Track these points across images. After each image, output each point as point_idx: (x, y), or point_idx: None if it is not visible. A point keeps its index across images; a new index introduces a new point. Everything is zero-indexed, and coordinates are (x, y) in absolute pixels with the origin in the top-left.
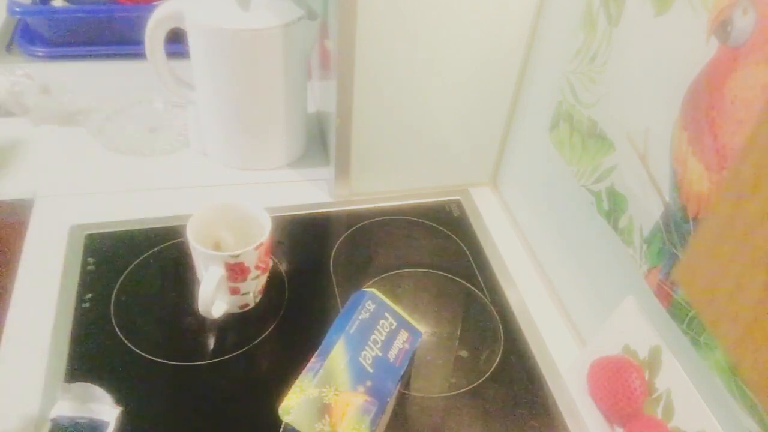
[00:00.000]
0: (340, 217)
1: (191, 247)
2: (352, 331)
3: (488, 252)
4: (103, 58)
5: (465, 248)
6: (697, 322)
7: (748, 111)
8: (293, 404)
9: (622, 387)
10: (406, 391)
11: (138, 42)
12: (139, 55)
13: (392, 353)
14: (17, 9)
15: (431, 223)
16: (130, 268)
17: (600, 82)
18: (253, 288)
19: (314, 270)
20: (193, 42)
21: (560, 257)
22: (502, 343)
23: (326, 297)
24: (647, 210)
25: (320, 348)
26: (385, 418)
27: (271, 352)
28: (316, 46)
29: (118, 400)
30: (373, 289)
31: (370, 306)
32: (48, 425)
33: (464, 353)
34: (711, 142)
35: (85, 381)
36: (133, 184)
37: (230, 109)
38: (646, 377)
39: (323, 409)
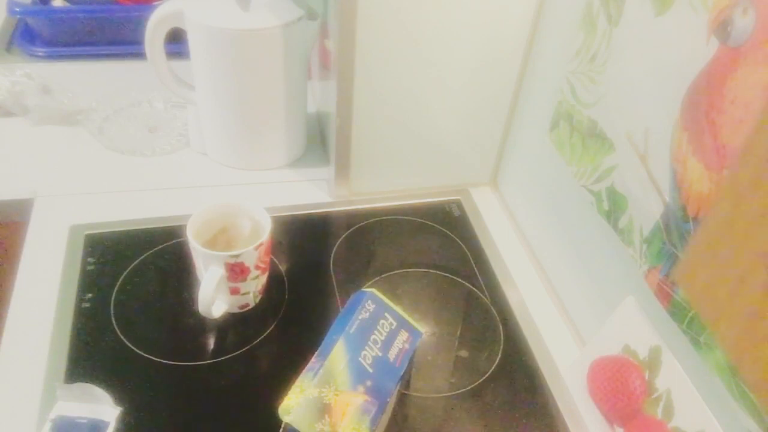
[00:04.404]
0: (340, 217)
1: (191, 247)
2: (352, 331)
3: (488, 252)
4: (103, 58)
5: (465, 248)
6: (697, 322)
7: (748, 111)
8: (293, 404)
9: (622, 387)
10: (406, 391)
11: (138, 42)
12: (139, 55)
13: (392, 353)
14: (17, 9)
15: (431, 223)
16: (130, 268)
17: (600, 82)
18: (253, 288)
19: (314, 270)
20: (193, 42)
21: (560, 257)
22: (502, 343)
23: (326, 297)
24: (647, 210)
25: (320, 348)
26: (385, 418)
27: (271, 352)
28: (316, 46)
29: (118, 400)
30: (373, 289)
31: (370, 306)
32: (48, 425)
33: (464, 353)
34: (711, 142)
35: (85, 381)
36: (133, 184)
37: (230, 109)
38: (646, 377)
39: (323, 409)
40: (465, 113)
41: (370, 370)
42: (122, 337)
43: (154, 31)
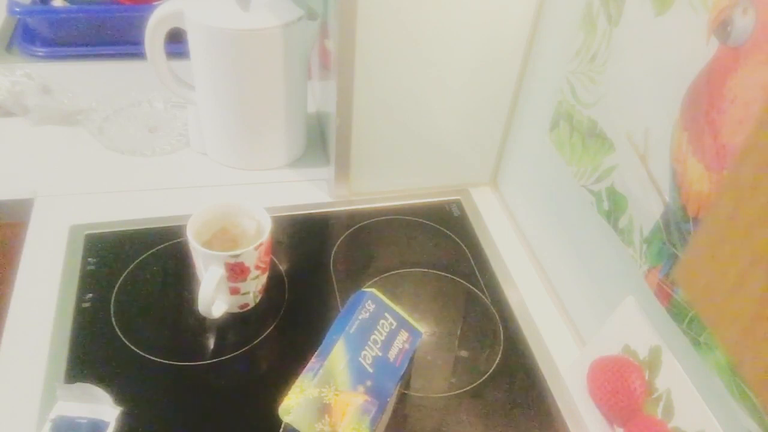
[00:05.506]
0: (340, 217)
1: (191, 247)
2: (352, 331)
3: (488, 252)
4: (103, 58)
5: (465, 248)
6: (697, 322)
7: (748, 111)
8: (293, 404)
9: (622, 387)
10: (406, 391)
11: (138, 42)
12: (139, 55)
13: (392, 353)
14: (17, 9)
15: (431, 223)
16: (130, 268)
17: (600, 82)
18: (253, 288)
19: (314, 270)
20: (193, 42)
21: (560, 257)
22: (502, 343)
23: (326, 297)
24: (647, 210)
25: (320, 348)
26: (385, 418)
27: (271, 352)
28: (316, 46)
29: (118, 400)
30: (373, 289)
31: (370, 306)
32: (48, 425)
33: (464, 353)
34: (711, 142)
35: (85, 381)
36: (133, 184)
37: (230, 109)
38: (646, 377)
39: (323, 409)
40: (465, 113)
41: (370, 370)
42: (122, 337)
43: (154, 31)
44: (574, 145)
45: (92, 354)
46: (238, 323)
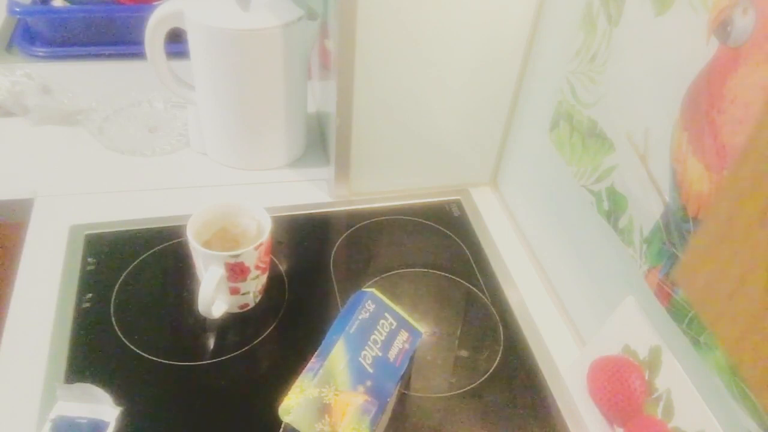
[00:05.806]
0: (340, 217)
1: (191, 247)
2: (352, 331)
3: (488, 252)
4: (103, 58)
5: (465, 248)
6: (697, 322)
7: (748, 111)
8: (293, 404)
9: (622, 387)
10: (406, 391)
11: (138, 42)
12: (139, 55)
13: (392, 353)
14: (17, 9)
15: (431, 223)
16: (130, 268)
17: (600, 82)
18: (253, 288)
19: (314, 270)
20: (193, 42)
21: (560, 257)
22: (502, 343)
23: (326, 297)
24: (647, 210)
25: (320, 348)
26: (385, 418)
27: (271, 352)
28: (316, 46)
29: (118, 400)
30: (373, 289)
31: (370, 306)
32: (48, 425)
33: (464, 353)
34: (711, 142)
35: (85, 381)
36: (133, 184)
37: (230, 109)
38: (646, 377)
39: (323, 409)
40: (465, 113)
41: (370, 370)
42: (122, 337)
43: (154, 31)
44: (574, 145)
45: (92, 354)
46: (238, 323)
